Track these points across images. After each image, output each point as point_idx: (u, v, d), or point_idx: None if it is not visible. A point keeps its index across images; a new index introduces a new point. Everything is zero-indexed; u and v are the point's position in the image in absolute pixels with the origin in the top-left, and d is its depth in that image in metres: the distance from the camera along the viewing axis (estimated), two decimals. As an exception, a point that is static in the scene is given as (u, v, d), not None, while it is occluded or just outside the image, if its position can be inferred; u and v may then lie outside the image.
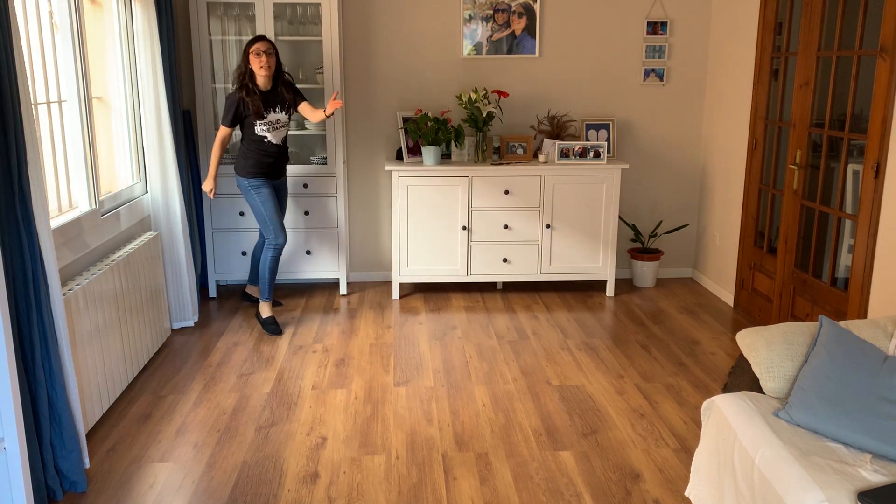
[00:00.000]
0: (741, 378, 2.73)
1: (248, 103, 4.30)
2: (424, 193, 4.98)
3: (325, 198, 5.09)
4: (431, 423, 3.43)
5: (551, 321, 4.77)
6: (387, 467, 3.06)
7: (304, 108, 4.49)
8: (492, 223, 5.06)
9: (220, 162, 4.54)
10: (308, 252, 5.17)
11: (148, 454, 3.16)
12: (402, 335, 4.53)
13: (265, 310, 4.61)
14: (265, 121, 4.36)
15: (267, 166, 4.45)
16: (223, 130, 4.39)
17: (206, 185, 4.48)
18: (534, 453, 3.17)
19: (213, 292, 5.19)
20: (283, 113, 4.45)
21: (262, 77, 4.31)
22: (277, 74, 4.40)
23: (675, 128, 5.48)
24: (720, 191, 5.26)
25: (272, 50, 4.30)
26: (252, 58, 4.25)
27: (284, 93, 4.42)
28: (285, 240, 4.52)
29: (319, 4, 4.84)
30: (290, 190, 5.03)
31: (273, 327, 4.53)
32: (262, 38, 4.30)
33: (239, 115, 4.35)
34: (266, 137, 4.39)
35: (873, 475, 2.08)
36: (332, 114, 4.44)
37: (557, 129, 5.30)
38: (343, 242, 5.18)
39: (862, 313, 3.62)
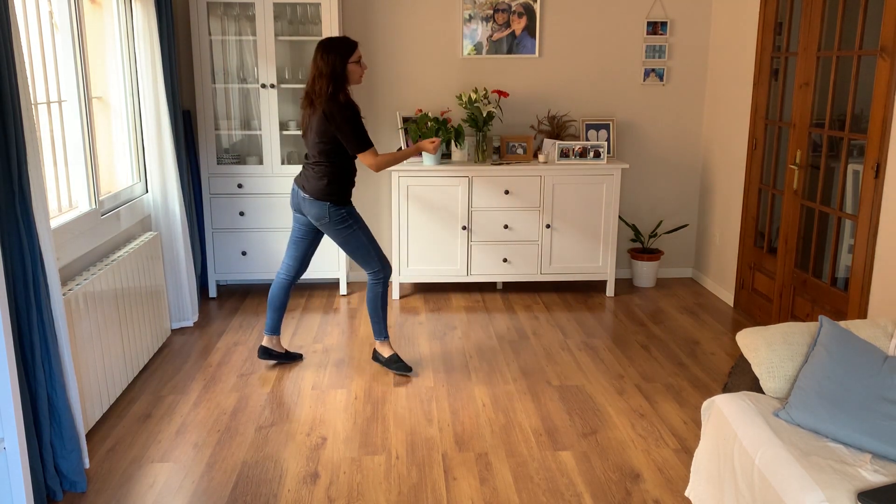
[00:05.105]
0: (741, 378, 2.73)
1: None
2: (424, 193, 4.98)
3: (325, 198, 5.08)
4: (431, 423, 3.43)
5: (551, 321, 4.77)
6: (387, 467, 3.06)
7: None
8: (492, 223, 5.06)
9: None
10: (308, 252, 5.16)
11: (148, 454, 3.16)
12: (402, 335, 4.52)
13: (386, 349, 4.03)
14: None
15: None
16: (375, 152, 3.74)
17: (427, 145, 3.96)
18: (534, 453, 3.17)
19: (213, 292, 5.19)
20: None
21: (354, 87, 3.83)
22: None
23: (675, 128, 5.48)
24: (720, 191, 5.26)
25: None
26: (354, 67, 3.69)
27: None
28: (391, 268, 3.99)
29: (319, 4, 4.84)
30: (289, 190, 5.02)
31: (400, 364, 3.97)
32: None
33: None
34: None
35: (873, 475, 2.08)
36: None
37: (557, 128, 5.30)
38: (343, 242, 5.18)
39: (862, 313, 3.62)
